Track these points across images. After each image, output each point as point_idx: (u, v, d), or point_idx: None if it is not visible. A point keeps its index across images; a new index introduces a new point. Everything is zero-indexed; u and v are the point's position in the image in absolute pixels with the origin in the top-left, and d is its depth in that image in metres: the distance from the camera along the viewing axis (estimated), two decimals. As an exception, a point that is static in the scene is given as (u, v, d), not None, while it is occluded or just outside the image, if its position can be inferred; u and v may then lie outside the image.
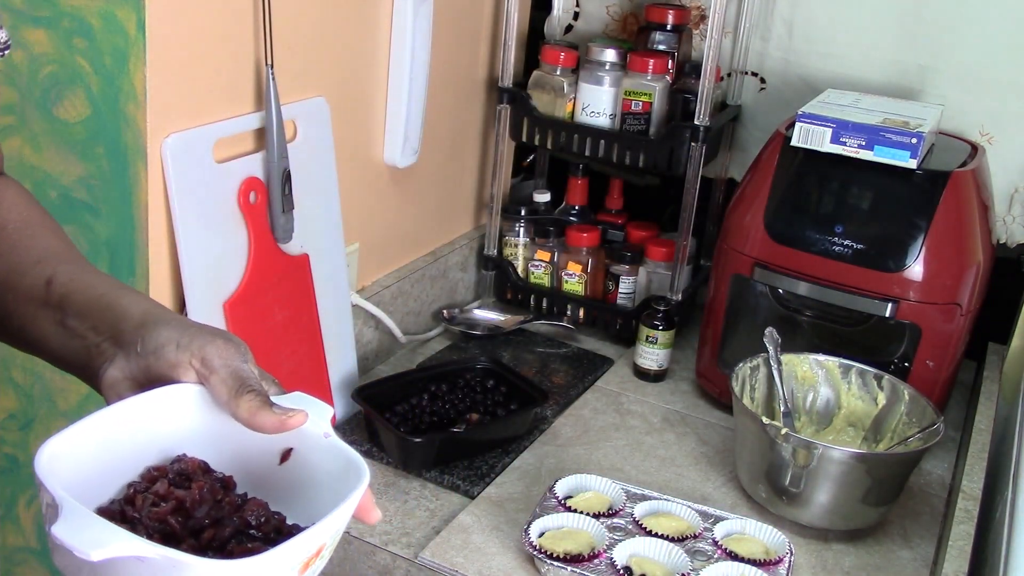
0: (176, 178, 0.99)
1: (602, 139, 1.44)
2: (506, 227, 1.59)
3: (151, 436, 0.58)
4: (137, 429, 0.57)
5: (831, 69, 1.48)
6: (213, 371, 0.59)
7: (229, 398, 0.58)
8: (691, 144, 1.39)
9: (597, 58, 1.45)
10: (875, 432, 1.21)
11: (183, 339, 0.59)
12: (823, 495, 1.09)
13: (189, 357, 0.59)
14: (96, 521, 0.49)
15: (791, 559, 1.02)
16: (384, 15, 1.28)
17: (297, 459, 0.60)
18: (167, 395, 0.58)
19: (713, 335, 1.36)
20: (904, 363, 1.23)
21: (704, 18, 1.53)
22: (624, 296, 1.52)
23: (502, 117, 1.52)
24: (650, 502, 1.07)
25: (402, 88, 1.31)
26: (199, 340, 0.59)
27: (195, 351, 0.59)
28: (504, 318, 1.55)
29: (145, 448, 0.58)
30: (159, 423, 0.58)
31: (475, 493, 1.13)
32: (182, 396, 0.58)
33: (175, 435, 0.59)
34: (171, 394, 0.58)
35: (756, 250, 1.27)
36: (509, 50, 1.50)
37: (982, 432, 1.19)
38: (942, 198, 1.18)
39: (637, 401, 1.38)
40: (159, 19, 0.94)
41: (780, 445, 1.08)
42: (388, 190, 1.40)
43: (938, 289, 1.19)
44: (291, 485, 0.60)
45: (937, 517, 1.18)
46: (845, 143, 1.20)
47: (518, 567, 1.01)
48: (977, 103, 1.40)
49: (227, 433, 0.59)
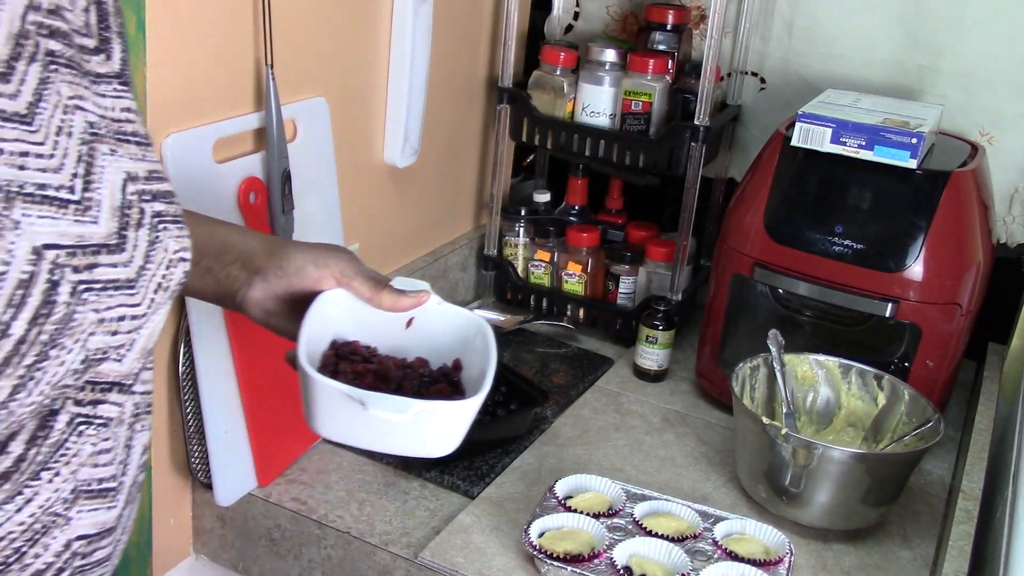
0: (176, 178, 0.99)
1: (602, 139, 1.44)
2: (506, 227, 1.59)
3: (326, 328, 0.77)
4: (319, 324, 0.75)
5: (831, 69, 1.48)
6: (351, 278, 0.78)
7: (372, 294, 0.79)
8: (691, 144, 1.39)
9: (597, 58, 1.45)
10: (875, 432, 1.21)
11: (318, 259, 0.78)
12: (823, 495, 1.09)
13: (328, 272, 0.78)
14: (388, 396, 0.69)
15: (791, 559, 1.02)
16: (384, 15, 1.28)
17: (417, 324, 0.81)
18: (329, 298, 0.78)
19: (713, 335, 1.36)
20: (904, 363, 1.23)
21: (704, 18, 1.53)
22: (624, 296, 1.52)
23: (502, 117, 1.52)
24: (650, 502, 1.07)
25: (402, 88, 1.31)
26: (330, 258, 0.79)
27: (332, 266, 0.78)
28: (504, 318, 1.55)
29: (323, 337, 0.77)
30: (327, 318, 0.77)
31: (475, 493, 1.13)
32: (336, 298, 0.78)
33: (338, 324, 0.78)
34: (330, 298, 0.78)
35: (756, 250, 1.27)
36: (509, 50, 1.50)
37: (982, 432, 1.19)
38: (942, 198, 1.18)
39: (637, 401, 1.38)
40: (159, 19, 0.94)
41: (780, 445, 1.08)
42: (388, 190, 1.40)
43: (938, 289, 1.19)
44: (418, 343, 0.81)
45: (937, 517, 1.18)
46: (845, 143, 1.20)
47: (518, 567, 1.01)
48: (977, 103, 1.40)
49: (367, 315, 0.79)
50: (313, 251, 0.79)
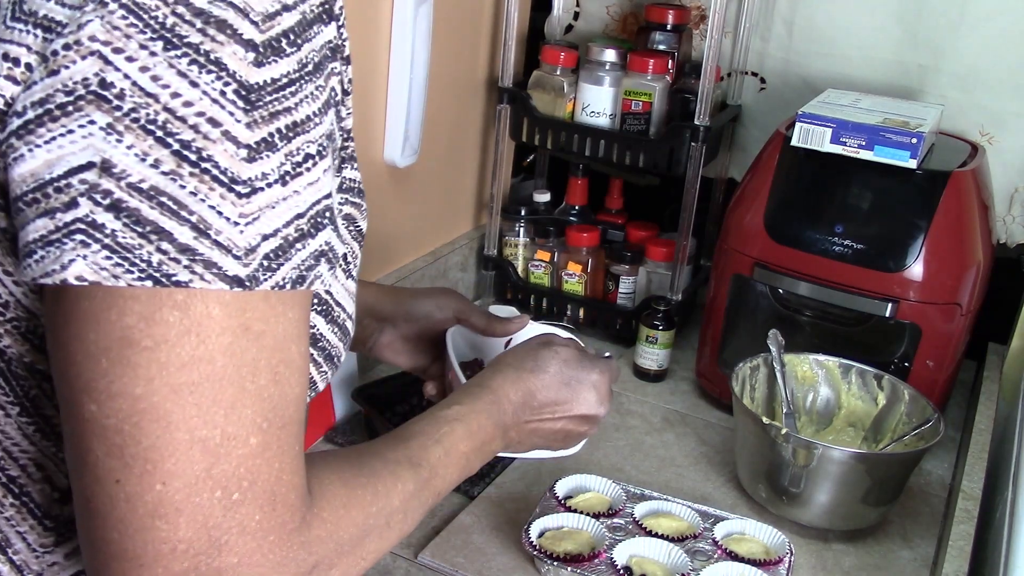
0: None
1: (602, 139, 1.44)
2: (506, 227, 1.59)
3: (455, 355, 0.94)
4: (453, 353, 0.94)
5: (831, 69, 1.48)
6: (468, 315, 0.98)
7: (487, 327, 0.99)
8: (691, 144, 1.39)
9: (597, 58, 1.45)
10: (875, 432, 1.21)
11: (439, 303, 0.98)
12: (823, 495, 1.09)
13: (450, 313, 0.98)
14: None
15: (791, 559, 1.02)
16: (384, 15, 1.28)
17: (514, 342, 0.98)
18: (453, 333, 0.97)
19: (713, 335, 1.36)
20: (904, 363, 1.23)
21: (704, 18, 1.53)
22: (624, 296, 1.52)
23: (502, 117, 1.52)
24: (650, 502, 1.07)
25: (402, 88, 1.31)
26: (448, 300, 0.98)
27: (451, 308, 0.98)
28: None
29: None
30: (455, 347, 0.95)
31: (475, 493, 1.13)
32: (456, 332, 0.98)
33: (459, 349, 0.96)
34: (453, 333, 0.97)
35: (756, 250, 1.27)
36: (509, 50, 1.50)
37: (982, 432, 1.19)
38: (942, 198, 1.18)
39: (637, 401, 1.38)
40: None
41: (780, 445, 1.08)
42: (388, 190, 1.40)
43: (938, 289, 1.19)
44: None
45: (937, 517, 1.18)
46: (845, 143, 1.20)
47: (518, 567, 1.01)
48: (977, 103, 1.40)
49: (477, 340, 1.01)
50: (432, 297, 0.98)
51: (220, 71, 0.48)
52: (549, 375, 0.82)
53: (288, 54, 0.50)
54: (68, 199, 0.48)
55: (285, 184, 0.51)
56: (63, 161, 0.48)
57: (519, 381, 0.81)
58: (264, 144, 0.50)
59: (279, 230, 0.51)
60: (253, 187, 0.49)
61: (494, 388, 0.79)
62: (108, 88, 0.47)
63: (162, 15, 0.48)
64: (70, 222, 0.48)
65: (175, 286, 0.48)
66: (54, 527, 0.60)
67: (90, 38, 0.48)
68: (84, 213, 0.48)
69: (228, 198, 0.49)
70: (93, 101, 0.48)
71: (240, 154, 0.49)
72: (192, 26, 0.48)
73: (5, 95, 0.50)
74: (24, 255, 0.50)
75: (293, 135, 0.51)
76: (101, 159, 0.48)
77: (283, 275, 0.51)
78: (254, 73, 0.49)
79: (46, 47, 0.49)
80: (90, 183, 0.48)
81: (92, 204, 0.48)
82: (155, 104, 0.48)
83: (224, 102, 0.48)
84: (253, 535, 0.51)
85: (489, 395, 0.78)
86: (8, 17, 0.50)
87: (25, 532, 0.59)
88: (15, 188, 0.49)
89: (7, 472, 0.58)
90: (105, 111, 0.47)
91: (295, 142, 0.51)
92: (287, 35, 0.51)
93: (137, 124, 0.48)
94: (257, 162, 0.49)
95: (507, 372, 0.81)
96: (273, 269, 0.51)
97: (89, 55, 0.48)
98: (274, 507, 0.52)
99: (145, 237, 0.48)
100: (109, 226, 0.48)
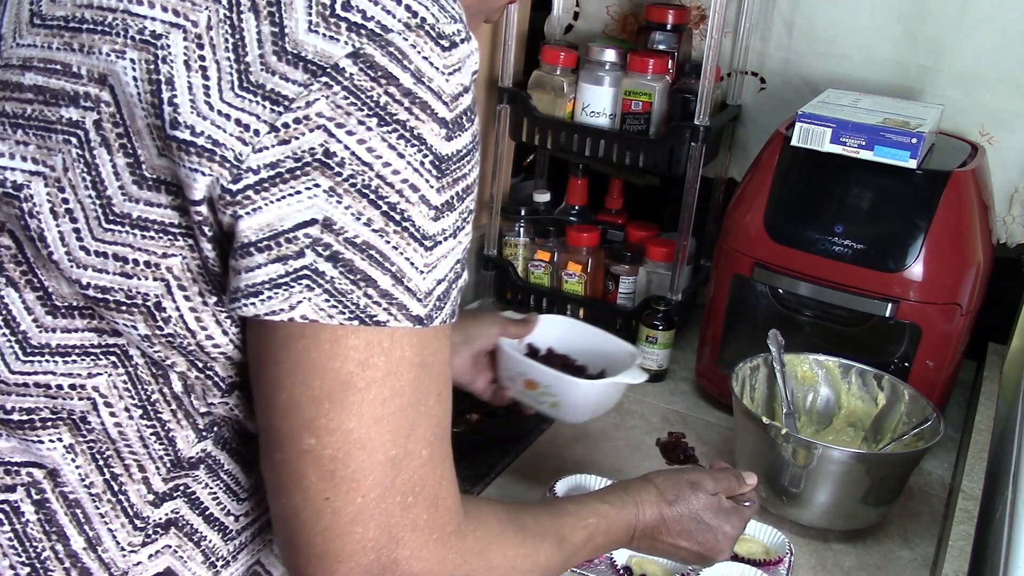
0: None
1: (602, 139, 1.44)
2: (506, 227, 1.59)
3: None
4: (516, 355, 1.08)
5: (831, 69, 1.48)
6: (506, 328, 1.08)
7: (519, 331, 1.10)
8: (691, 144, 1.39)
9: (597, 58, 1.45)
10: (875, 432, 1.21)
11: (482, 324, 1.07)
12: (823, 495, 1.08)
13: (495, 330, 1.07)
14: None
15: (791, 559, 1.02)
16: (384, 15, 1.28)
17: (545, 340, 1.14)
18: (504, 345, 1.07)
19: (713, 335, 1.36)
20: (904, 363, 1.23)
21: (704, 18, 1.53)
22: (624, 296, 1.52)
23: (502, 117, 1.52)
24: (650, 502, 1.07)
25: (402, 88, 1.31)
26: (491, 320, 1.09)
27: (495, 326, 1.07)
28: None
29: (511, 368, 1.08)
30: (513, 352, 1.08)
31: (475, 493, 1.12)
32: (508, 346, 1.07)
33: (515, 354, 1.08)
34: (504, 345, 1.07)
35: (756, 250, 1.27)
36: (509, 50, 1.50)
37: (982, 432, 1.19)
38: (942, 198, 1.18)
39: (637, 401, 1.38)
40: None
41: (780, 445, 1.08)
42: (388, 190, 1.40)
43: (938, 289, 1.19)
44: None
45: (937, 517, 1.18)
46: (845, 143, 1.20)
47: (518, 567, 1.01)
48: (977, 103, 1.40)
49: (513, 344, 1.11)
50: (476, 319, 1.08)
51: (421, 144, 0.57)
52: (685, 516, 0.88)
53: (467, 128, 0.60)
54: (297, 249, 0.57)
55: (455, 237, 0.61)
56: (292, 216, 0.56)
57: (657, 506, 0.87)
58: (446, 205, 0.59)
59: (447, 275, 0.61)
60: (436, 241, 0.59)
61: (637, 503, 0.86)
62: (331, 157, 0.56)
63: (376, 95, 0.56)
64: (299, 268, 0.57)
65: (376, 325, 0.58)
66: (142, 528, 0.66)
67: (317, 114, 0.56)
68: (310, 262, 0.57)
69: (419, 251, 0.59)
70: (319, 167, 0.56)
71: (430, 215, 0.58)
72: (400, 105, 0.56)
73: (236, 151, 0.57)
74: (248, 293, 0.58)
75: (465, 195, 0.61)
76: (323, 216, 0.56)
77: (447, 312, 0.62)
78: (445, 146, 0.58)
79: (275, 118, 0.56)
80: (313, 237, 0.57)
81: (315, 255, 0.57)
82: (369, 172, 0.56)
83: (423, 171, 0.58)
84: (421, 532, 0.61)
85: (632, 508, 0.85)
86: (236, 86, 0.57)
87: (116, 530, 0.66)
88: (249, 235, 0.57)
89: (112, 470, 0.66)
90: (328, 176, 0.56)
91: (466, 202, 0.61)
92: (466, 113, 0.60)
93: (354, 188, 0.56)
94: (440, 220, 0.59)
95: (651, 493, 0.87)
96: (441, 308, 0.61)
97: (316, 128, 0.56)
98: (436, 508, 0.62)
99: (356, 284, 0.57)
100: (328, 274, 0.57)
